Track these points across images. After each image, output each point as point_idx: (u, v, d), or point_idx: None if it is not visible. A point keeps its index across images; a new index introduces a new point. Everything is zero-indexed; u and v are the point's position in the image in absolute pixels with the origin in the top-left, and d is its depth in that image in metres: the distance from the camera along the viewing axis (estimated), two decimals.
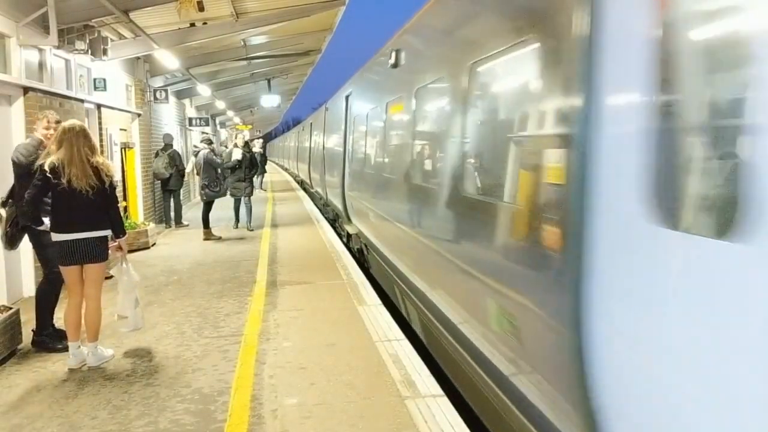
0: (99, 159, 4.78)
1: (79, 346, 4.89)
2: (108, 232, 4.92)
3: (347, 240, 11.07)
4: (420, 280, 5.18)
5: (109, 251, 5.03)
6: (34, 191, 4.67)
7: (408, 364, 4.67)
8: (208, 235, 11.11)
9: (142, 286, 7.53)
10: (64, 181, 4.60)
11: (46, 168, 4.62)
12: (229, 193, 11.92)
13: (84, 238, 4.74)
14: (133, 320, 5.17)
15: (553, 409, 2.67)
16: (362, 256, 9.44)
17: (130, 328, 5.24)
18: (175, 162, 12.67)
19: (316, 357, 4.89)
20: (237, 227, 12.15)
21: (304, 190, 22.60)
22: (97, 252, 4.83)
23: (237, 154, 11.72)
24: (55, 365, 4.88)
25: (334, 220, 13.40)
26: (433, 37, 5.41)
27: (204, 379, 4.54)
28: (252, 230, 11.88)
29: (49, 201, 4.77)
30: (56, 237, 4.75)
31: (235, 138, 13.18)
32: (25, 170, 4.94)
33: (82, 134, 4.74)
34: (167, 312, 6.40)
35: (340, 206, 11.52)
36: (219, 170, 11.53)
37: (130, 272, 5.14)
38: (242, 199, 12.03)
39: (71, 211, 4.71)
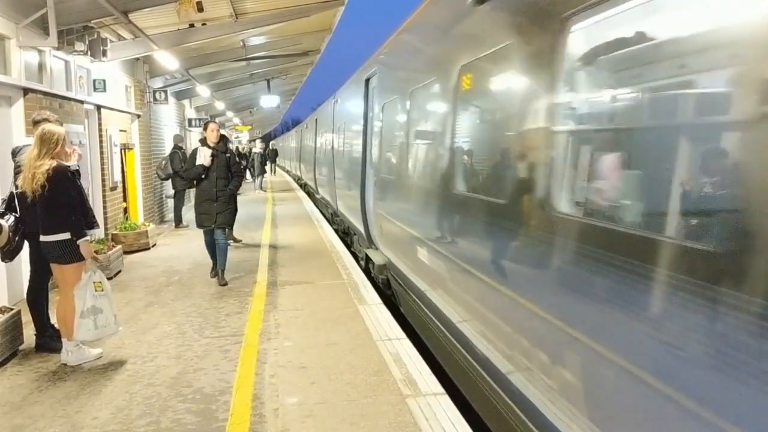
0: (36, 163, 4.71)
1: (77, 344, 4.92)
2: (58, 236, 4.81)
3: None
4: (342, 205, 12.06)
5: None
6: None
7: (409, 362, 4.68)
8: None
9: (143, 287, 7.56)
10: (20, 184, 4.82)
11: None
12: (196, 220, 7.86)
13: (41, 239, 4.88)
14: (76, 329, 4.81)
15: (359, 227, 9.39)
16: None
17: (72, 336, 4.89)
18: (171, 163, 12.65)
19: (317, 356, 4.90)
20: (217, 275, 7.79)
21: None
22: (53, 254, 4.87)
23: (203, 158, 7.50)
24: (56, 365, 4.89)
25: None
26: (347, 98, 11.78)
27: (205, 378, 4.56)
28: (225, 283, 7.58)
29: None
30: None
31: (203, 128, 8.10)
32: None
33: (39, 138, 4.79)
34: (168, 312, 6.40)
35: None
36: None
37: (86, 280, 4.86)
38: (215, 231, 7.74)
39: (30, 212, 4.92)
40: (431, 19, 5.61)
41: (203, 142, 7.68)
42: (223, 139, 7.77)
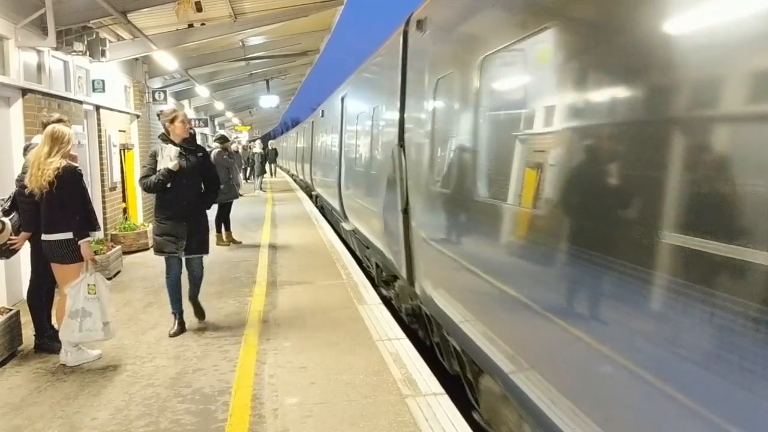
0: (47, 161, 4.69)
1: (76, 345, 4.91)
2: (61, 235, 4.79)
3: None
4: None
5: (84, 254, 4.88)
6: None
7: (408, 362, 4.68)
8: (219, 239, 10.29)
9: (142, 287, 7.55)
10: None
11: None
12: (155, 244, 5.81)
13: (43, 238, 4.87)
14: (62, 330, 4.80)
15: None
16: None
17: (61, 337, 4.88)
18: None
19: (317, 356, 4.89)
20: (179, 325, 5.73)
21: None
22: (56, 254, 4.86)
23: (168, 159, 5.50)
24: (55, 366, 4.88)
25: None
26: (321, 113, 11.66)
27: (204, 379, 4.54)
28: (203, 319, 6.00)
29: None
30: None
31: (168, 120, 5.67)
32: None
33: (50, 137, 4.78)
34: (167, 313, 6.37)
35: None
36: (231, 171, 10.23)
37: (81, 280, 4.81)
38: (183, 260, 5.83)
39: (31, 211, 4.93)
40: None
41: (166, 138, 5.64)
42: (192, 136, 5.85)
